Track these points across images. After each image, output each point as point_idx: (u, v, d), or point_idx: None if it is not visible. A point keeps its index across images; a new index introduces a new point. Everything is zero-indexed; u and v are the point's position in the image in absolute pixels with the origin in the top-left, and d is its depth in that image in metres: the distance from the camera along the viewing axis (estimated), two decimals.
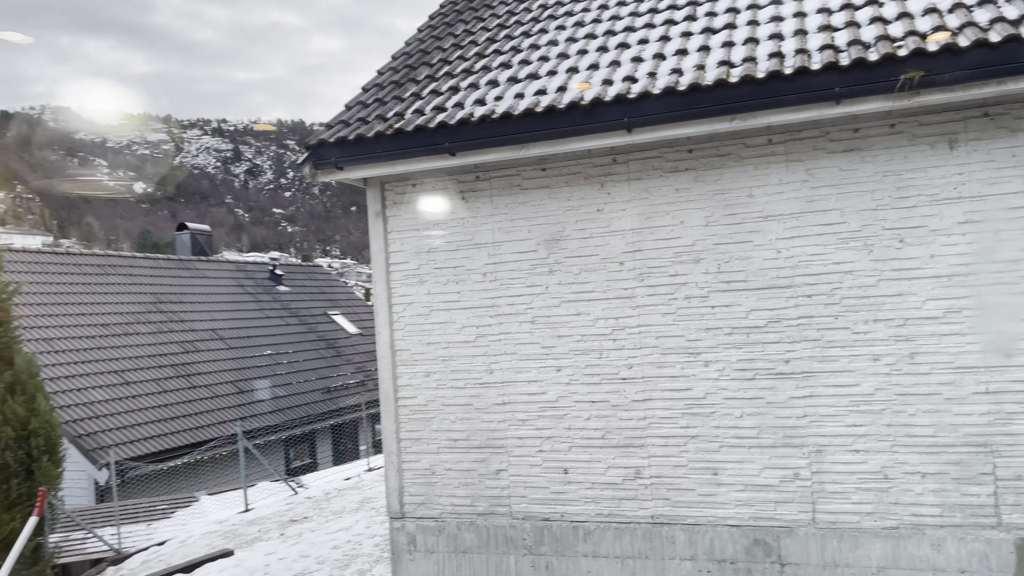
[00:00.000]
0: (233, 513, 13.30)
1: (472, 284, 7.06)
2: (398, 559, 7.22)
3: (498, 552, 6.88)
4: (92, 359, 18.40)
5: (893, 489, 5.81)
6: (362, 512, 12.01)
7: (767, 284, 6.16)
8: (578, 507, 6.67)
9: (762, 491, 6.13)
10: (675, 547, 6.34)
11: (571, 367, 6.74)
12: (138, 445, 16.40)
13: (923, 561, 5.70)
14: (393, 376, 7.30)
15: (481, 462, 6.99)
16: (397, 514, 7.23)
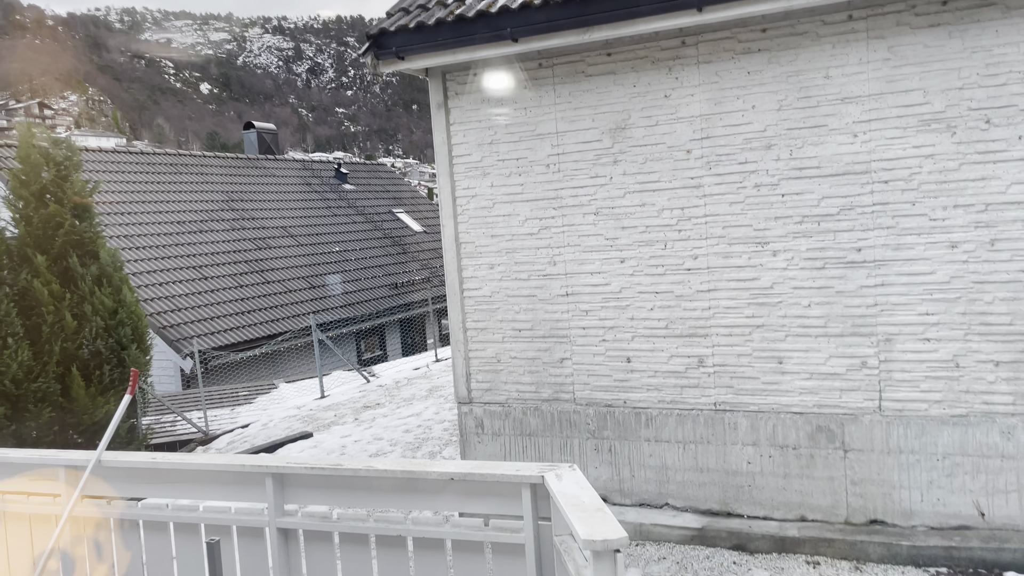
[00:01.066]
0: (310, 399, 13.98)
1: (535, 176, 7.01)
2: (466, 441, 7.53)
3: (562, 435, 7.10)
4: (171, 255, 19.16)
5: (964, 377, 5.73)
6: (431, 399, 12.49)
7: (841, 170, 5.95)
8: (640, 394, 6.78)
9: (828, 379, 6.12)
10: (737, 433, 6.44)
11: (635, 258, 6.72)
12: (218, 336, 17.21)
13: (991, 448, 5.67)
14: (458, 268, 7.41)
15: (545, 351, 7.13)
16: (465, 399, 7.49)
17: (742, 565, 5.85)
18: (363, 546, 4.05)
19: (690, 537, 6.31)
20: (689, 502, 6.64)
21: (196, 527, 4.21)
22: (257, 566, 4.16)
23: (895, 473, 5.92)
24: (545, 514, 3.75)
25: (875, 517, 6.02)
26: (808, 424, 6.19)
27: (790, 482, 6.27)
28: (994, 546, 5.49)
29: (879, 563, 5.70)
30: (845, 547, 5.85)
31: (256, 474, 4.10)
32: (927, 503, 5.85)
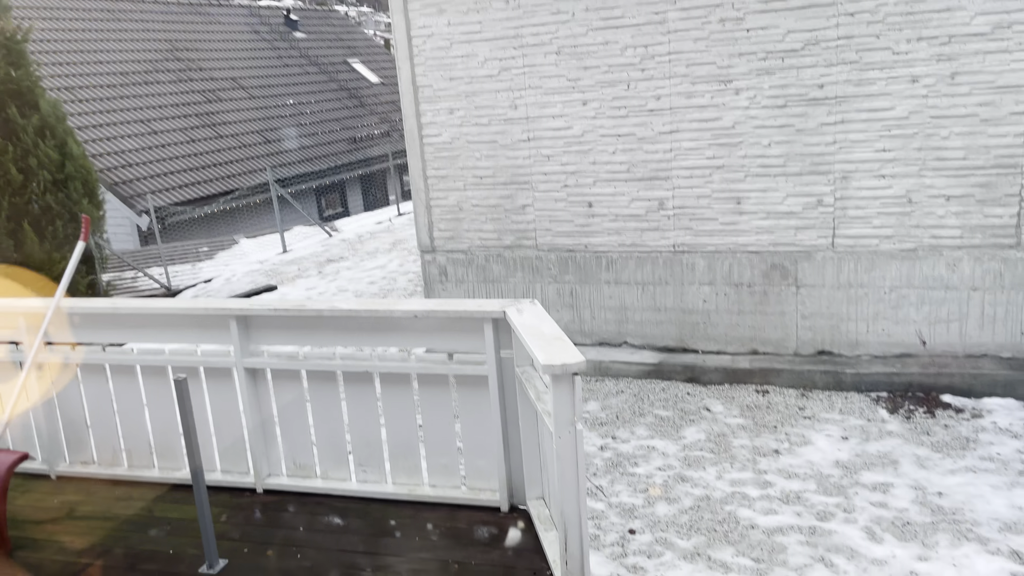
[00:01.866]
0: (272, 254, 13.92)
1: (494, 12, 6.72)
2: (430, 288, 7.61)
3: (525, 281, 7.21)
4: (116, 108, 18.35)
5: (916, 213, 5.86)
6: (395, 252, 12.52)
7: (808, 2, 5.79)
8: (601, 238, 6.85)
9: (784, 218, 6.22)
10: (695, 273, 6.59)
11: (597, 100, 6.59)
12: (173, 193, 16.83)
13: (936, 280, 5.89)
14: (416, 114, 7.22)
15: (507, 198, 7.10)
16: (428, 248, 7.51)
17: (695, 395, 6.15)
18: (331, 383, 4.16)
19: (647, 372, 6.58)
20: (647, 340, 6.88)
21: (163, 369, 4.27)
22: (227, 406, 4.27)
23: (844, 306, 6.16)
24: (507, 348, 3.86)
25: (823, 348, 6.31)
26: (763, 262, 6.35)
27: (743, 318, 6.49)
28: (933, 371, 5.83)
29: (824, 390, 6.03)
30: (793, 376, 6.16)
31: (220, 317, 4.13)
32: (872, 334, 6.13)
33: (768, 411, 5.78)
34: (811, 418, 5.61)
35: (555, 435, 3.12)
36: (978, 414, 5.43)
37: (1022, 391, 5.60)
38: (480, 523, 3.89)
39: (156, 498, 4.27)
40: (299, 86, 24.57)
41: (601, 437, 5.58)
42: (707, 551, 4.08)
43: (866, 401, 5.78)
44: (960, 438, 5.14)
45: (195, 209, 16.15)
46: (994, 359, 5.85)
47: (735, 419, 5.69)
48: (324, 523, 3.96)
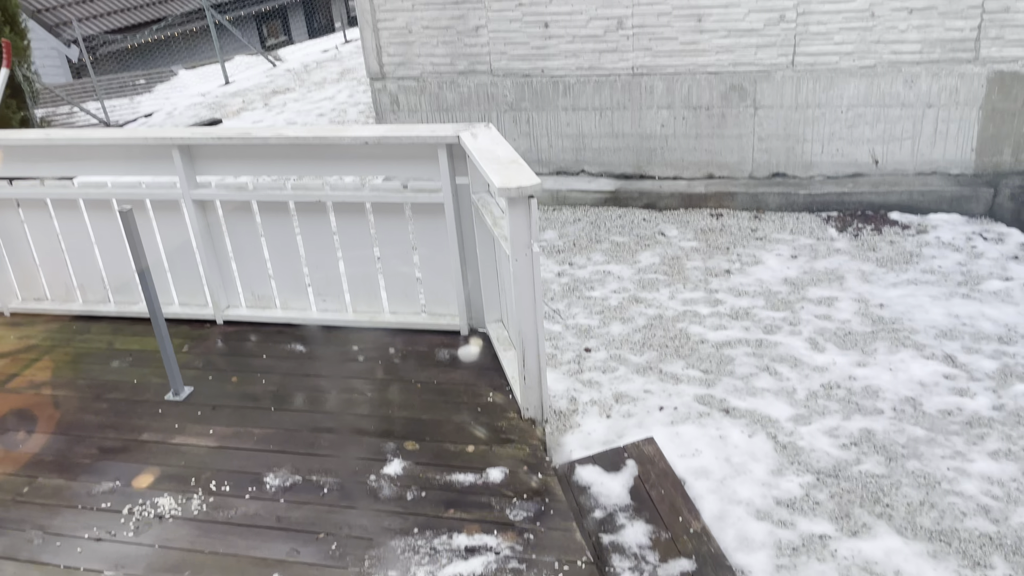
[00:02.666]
0: (214, 86, 13.27)
1: None
2: (382, 118, 7.37)
3: (480, 109, 7.00)
4: None
5: (877, 27, 5.73)
6: (344, 82, 12.01)
7: None
8: (558, 62, 6.61)
9: (745, 36, 6.04)
10: (653, 96, 6.45)
11: None
12: (103, 21, 15.70)
13: (893, 97, 5.86)
14: None
15: (459, 19, 6.74)
16: (377, 75, 7.20)
17: (651, 221, 6.21)
18: (284, 215, 4.09)
19: (604, 200, 6.59)
20: (604, 167, 6.83)
21: (108, 203, 4.14)
22: (179, 239, 4.19)
23: (800, 127, 6.14)
24: (463, 174, 3.80)
25: (778, 171, 6.35)
26: (722, 83, 6.22)
27: (701, 142, 6.45)
28: (883, 190, 5.93)
29: (777, 211, 6.13)
30: (747, 199, 6.22)
31: (162, 147, 3.97)
32: (827, 154, 6.16)
33: (721, 234, 5.88)
34: (763, 239, 5.73)
35: (512, 258, 3.14)
36: (923, 230, 5.60)
37: (967, 206, 5.75)
38: (441, 346, 3.99)
39: (115, 331, 4.28)
40: None
41: (558, 264, 5.66)
42: (659, 365, 4.27)
43: (817, 221, 5.90)
44: (904, 253, 5.31)
45: (128, 38, 15.14)
46: (943, 176, 5.96)
47: (689, 242, 5.79)
48: (286, 351, 4.02)
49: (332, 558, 2.69)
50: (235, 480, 3.09)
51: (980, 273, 4.96)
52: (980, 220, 5.67)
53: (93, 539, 2.84)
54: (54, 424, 3.52)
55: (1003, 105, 5.67)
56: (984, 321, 4.43)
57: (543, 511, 2.85)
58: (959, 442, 3.51)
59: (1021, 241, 5.29)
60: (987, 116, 5.73)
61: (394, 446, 3.24)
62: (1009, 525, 3.02)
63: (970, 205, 5.72)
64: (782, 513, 3.14)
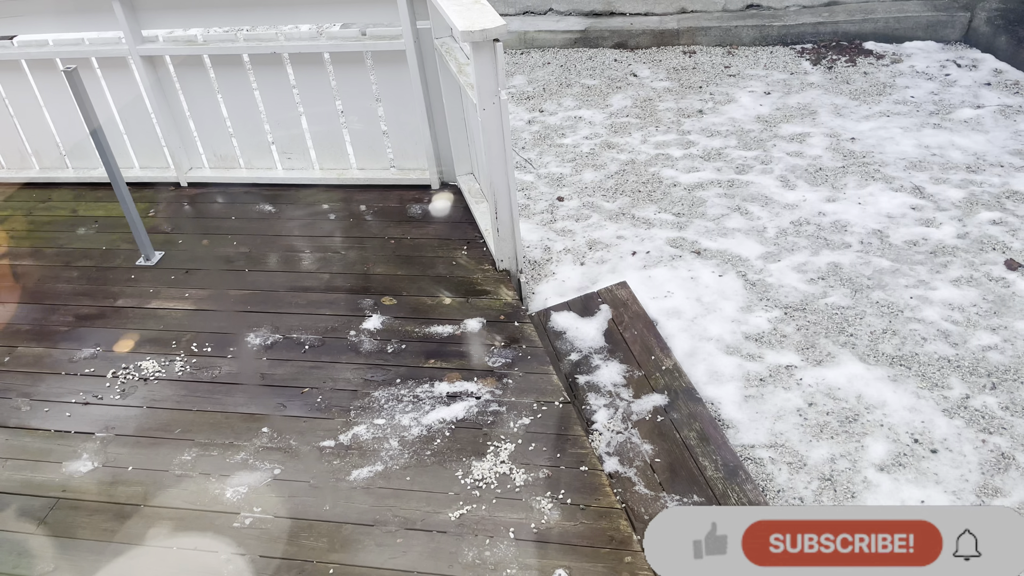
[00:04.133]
0: None
1: None
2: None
3: None
4: None
5: None
6: None
7: None
8: None
9: None
10: None
11: None
12: None
13: None
14: None
15: None
16: None
17: (622, 61, 6.02)
18: (238, 68, 3.92)
19: (573, 40, 6.35)
20: (573, 5, 6.53)
21: (52, 63, 3.93)
22: (131, 99, 4.02)
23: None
24: (424, 18, 3.62)
25: (752, 2, 6.11)
26: None
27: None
28: (859, 18, 5.74)
29: (751, 46, 5.95)
30: (720, 33, 6.02)
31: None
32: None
33: (694, 72, 5.73)
34: (736, 76, 5.60)
35: (479, 107, 3.06)
36: (898, 59, 5.48)
37: (943, 32, 5.61)
38: (412, 201, 3.95)
39: (77, 198, 4.18)
40: None
41: (528, 111, 5.52)
42: (631, 210, 4.27)
43: (791, 54, 5.75)
44: (878, 84, 5.23)
45: None
46: (919, 1, 5.77)
47: (661, 83, 5.64)
48: (255, 211, 3.97)
49: (318, 410, 2.78)
50: (216, 341, 3.13)
51: (952, 102, 4.91)
52: (955, 46, 5.55)
53: (80, 403, 2.90)
54: (26, 294, 3.50)
55: None
56: (953, 151, 4.44)
57: (520, 356, 2.93)
58: (923, 271, 3.60)
59: (995, 67, 5.21)
60: None
61: (371, 302, 3.27)
62: (967, 348, 3.16)
63: (946, 31, 5.58)
64: (750, 347, 3.26)
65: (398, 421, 2.70)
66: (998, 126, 4.61)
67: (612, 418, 2.87)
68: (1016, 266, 3.55)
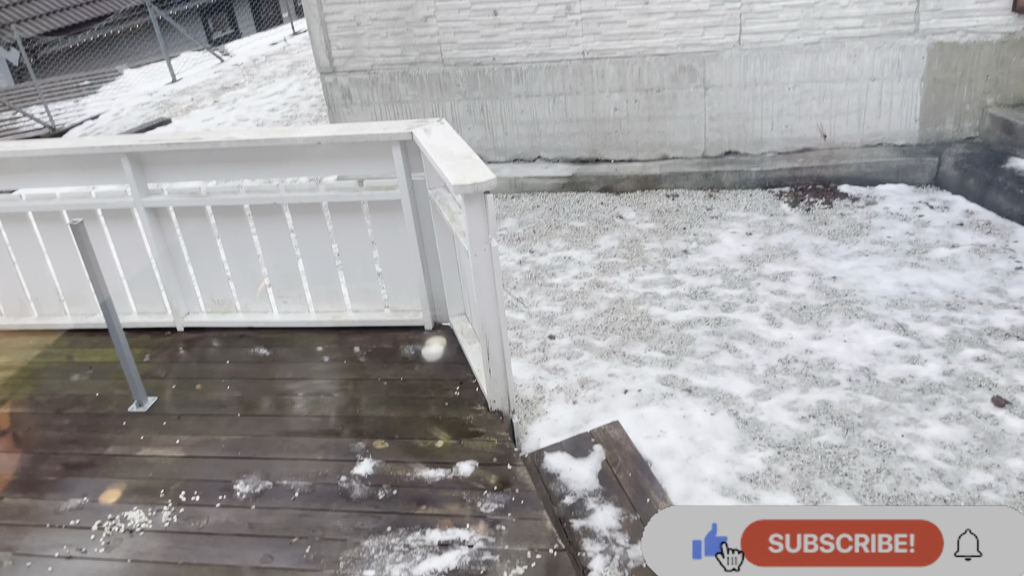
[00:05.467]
0: (161, 85, 13.01)
1: None
2: (335, 113, 7.32)
3: (433, 99, 6.98)
4: None
5: (819, 4, 5.82)
6: (294, 75, 11.86)
7: None
8: (509, 49, 6.61)
9: (692, 17, 6.09)
10: (604, 80, 6.49)
11: None
12: (42, 21, 15.27)
13: (838, 72, 5.97)
14: None
15: (407, 9, 6.70)
16: (328, 69, 7.13)
17: (609, 204, 6.27)
18: (239, 218, 4.06)
19: (562, 185, 6.63)
20: (560, 153, 6.86)
21: (58, 215, 4.07)
22: (133, 247, 4.14)
23: (750, 105, 6.23)
24: (418, 170, 3.80)
25: (730, 149, 6.44)
26: (672, 65, 6.28)
27: (654, 124, 6.51)
28: (832, 163, 6.04)
29: (731, 189, 6.22)
30: (701, 178, 6.30)
31: (111, 155, 3.91)
32: (776, 131, 6.26)
33: (678, 214, 5.96)
34: (718, 217, 5.82)
35: (471, 253, 3.17)
36: (872, 201, 5.73)
37: (914, 175, 5.89)
38: (405, 342, 4.01)
39: (73, 344, 4.22)
40: None
41: (519, 252, 5.69)
42: (622, 348, 4.33)
43: (770, 197, 6.00)
44: (855, 225, 5.44)
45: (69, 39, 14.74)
46: (889, 147, 6.09)
47: (647, 224, 5.86)
48: (250, 355, 4.01)
49: (307, 562, 2.71)
50: (205, 489, 3.09)
51: (928, 241, 5.10)
52: (926, 189, 5.82)
53: (64, 557, 2.82)
54: (16, 442, 3.48)
55: (944, 75, 5.81)
56: (933, 289, 4.57)
57: (513, 501, 2.90)
58: (912, 409, 3.63)
59: (965, 208, 5.44)
60: (929, 87, 5.87)
61: (363, 446, 3.26)
62: (962, 487, 3.14)
63: (916, 175, 5.87)
64: (745, 488, 3.23)
65: (388, 572, 2.64)
66: (974, 265, 4.77)
67: (608, 565, 2.80)
68: (1003, 403, 3.58)
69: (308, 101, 10.18)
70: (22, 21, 14.83)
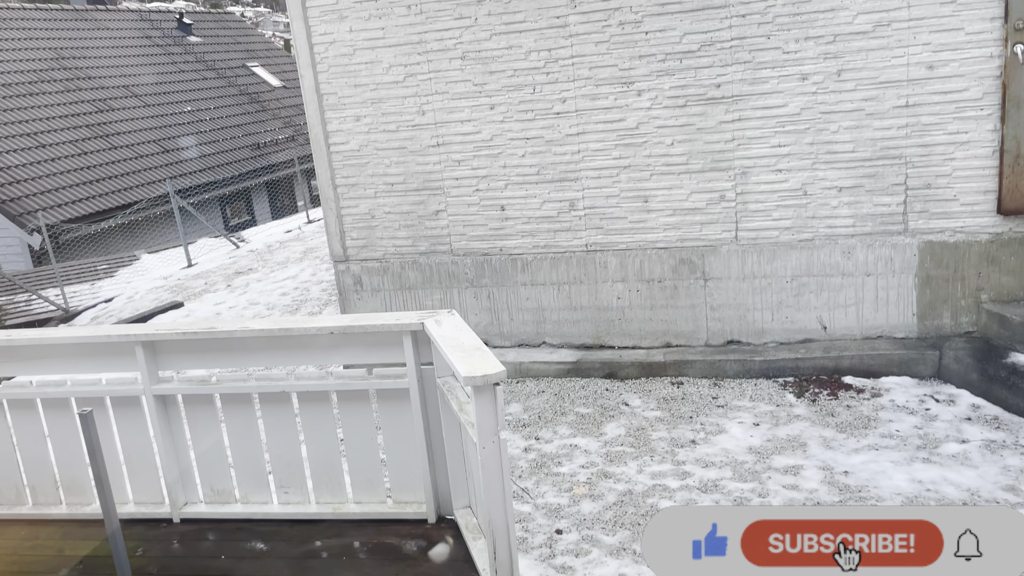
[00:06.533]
0: (176, 269, 13.44)
1: (396, 19, 6.67)
2: (346, 299, 7.51)
3: (442, 286, 7.20)
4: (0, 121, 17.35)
5: (811, 204, 6.14)
6: (306, 261, 12.28)
7: (701, 5, 5.98)
8: (516, 241, 6.90)
9: (689, 214, 6.41)
10: (607, 271, 6.72)
11: (505, 104, 6.63)
12: (66, 209, 16.04)
13: (833, 267, 6.19)
14: (322, 122, 7.10)
15: (420, 204, 7.07)
16: (341, 257, 7.41)
17: (614, 391, 6.28)
18: (246, 406, 4.06)
19: (566, 371, 6.68)
20: (565, 339, 6.97)
21: (66, 401, 4.08)
22: (137, 435, 4.11)
23: (749, 297, 6.40)
24: (427, 359, 3.85)
25: (732, 338, 6.54)
26: (672, 258, 6.52)
27: (656, 313, 6.66)
28: (834, 354, 6.12)
29: (735, 378, 6.25)
30: (705, 367, 6.36)
31: (125, 344, 3.97)
32: (777, 322, 6.39)
33: (683, 402, 5.95)
34: (724, 406, 5.81)
35: (479, 446, 3.14)
36: (877, 393, 5.74)
37: (916, 368, 5.94)
38: (408, 537, 3.87)
39: (65, 535, 4.08)
40: (196, 92, 23.78)
41: (524, 439, 5.64)
42: (632, 545, 4.18)
43: (774, 387, 6.02)
44: (862, 417, 5.41)
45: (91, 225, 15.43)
46: (889, 339, 6.19)
47: (653, 412, 5.84)
48: (247, 549, 3.87)
49: None
50: None
51: (937, 436, 5.06)
52: (930, 382, 5.85)
53: None
54: None
55: (936, 272, 6.01)
56: (947, 486, 4.47)
57: None
58: None
59: (971, 402, 5.44)
60: (923, 283, 6.05)
61: None
62: None
63: (919, 367, 5.92)
64: None
65: None
66: (986, 461, 4.70)
67: None
68: None
69: (319, 286, 10.47)
70: (49, 208, 15.59)
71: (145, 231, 17.42)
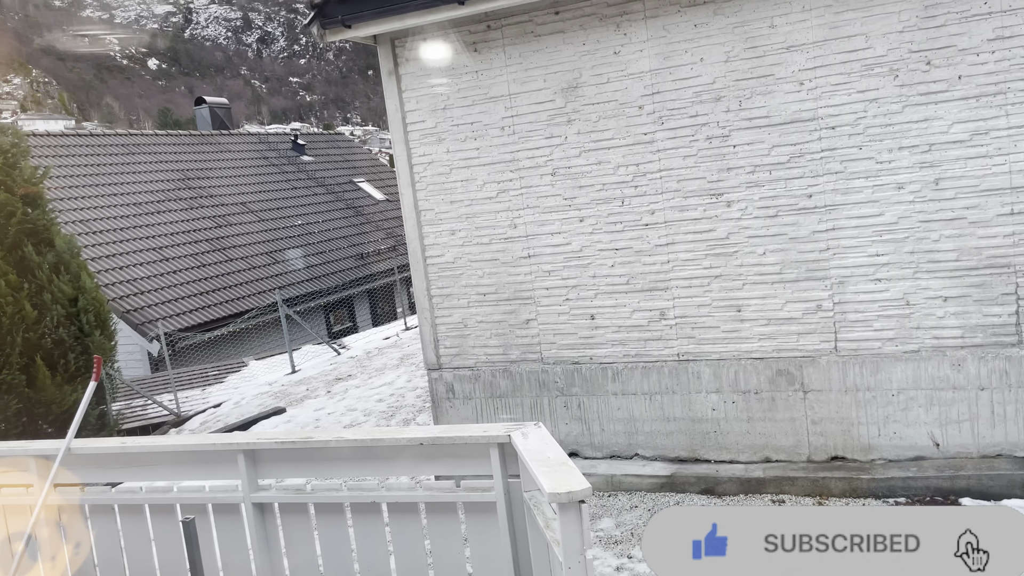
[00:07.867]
0: (281, 375, 13.97)
1: (490, 139, 7.01)
2: (438, 406, 7.62)
3: (532, 394, 7.22)
4: (129, 238, 18.85)
5: (915, 314, 5.92)
6: (402, 368, 12.55)
7: (790, 118, 6.05)
8: (605, 350, 6.90)
9: (785, 324, 6.28)
10: (701, 381, 6.60)
11: (593, 216, 6.78)
12: (183, 318, 17.06)
13: (943, 381, 5.88)
14: (420, 236, 7.42)
15: (511, 313, 7.20)
16: (434, 365, 7.56)
17: (710, 508, 6.04)
18: (338, 515, 4.13)
19: (660, 485, 6.49)
20: (658, 451, 6.81)
21: (171, 507, 4.25)
22: (235, 542, 4.23)
23: (853, 410, 6.13)
24: (514, 472, 3.85)
25: (836, 454, 6.24)
26: (768, 368, 6.36)
27: (753, 425, 6.45)
28: (948, 474, 5.74)
29: (841, 497, 5.93)
30: (808, 484, 6.06)
31: (228, 452, 4.14)
32: (884, 437, 6.08)
33: None
34: None
35: (564, 565, 3.08)
36: None
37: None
38: None
39: None
40: (307, 206, 25.27)
41: (616, 556, 5.46)
42: None
43: None
44: None
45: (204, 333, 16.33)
46: (1009, 459, 5.77)
47: None
48: None
49: None
50: None
51: None
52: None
53: None
54: None
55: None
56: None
57: None
58: None
59: None
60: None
61: None
62: None
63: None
64: None
65: None
66: None
67: None
68: None
69: (414, 392, 10.65)
70: (167, 317, 16.62)
71: (254, 338, 18.28)
